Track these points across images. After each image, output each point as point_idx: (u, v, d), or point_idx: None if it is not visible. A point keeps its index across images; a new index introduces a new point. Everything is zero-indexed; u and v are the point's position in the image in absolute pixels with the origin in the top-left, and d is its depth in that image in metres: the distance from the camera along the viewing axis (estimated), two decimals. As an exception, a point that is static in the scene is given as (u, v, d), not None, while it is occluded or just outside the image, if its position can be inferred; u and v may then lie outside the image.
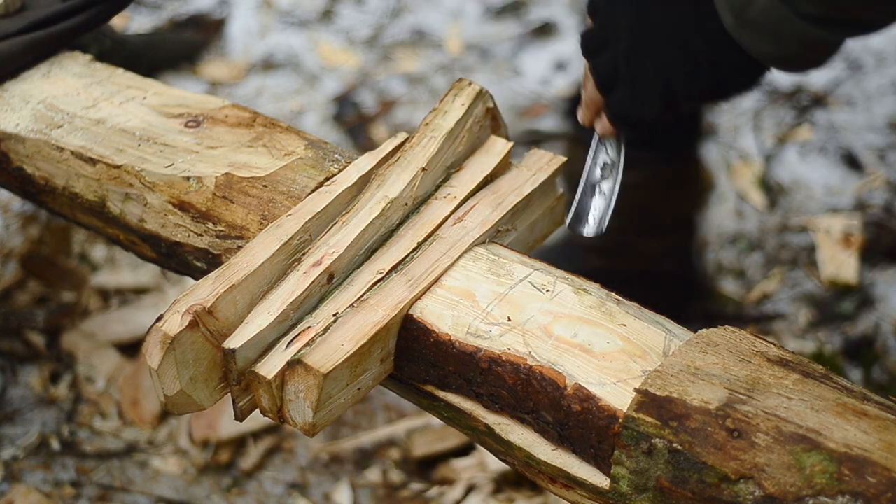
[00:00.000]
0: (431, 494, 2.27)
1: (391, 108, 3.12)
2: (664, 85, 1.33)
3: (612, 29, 1.34)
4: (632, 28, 1.32)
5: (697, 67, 1.31)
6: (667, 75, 1.32)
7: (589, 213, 1.36)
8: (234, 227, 1.56)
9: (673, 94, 1.34)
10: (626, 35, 1.33)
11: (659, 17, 1.31)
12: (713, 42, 1.30)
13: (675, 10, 1.30)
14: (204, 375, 1.41)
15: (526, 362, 1.36)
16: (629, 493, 1.27)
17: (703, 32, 1.30)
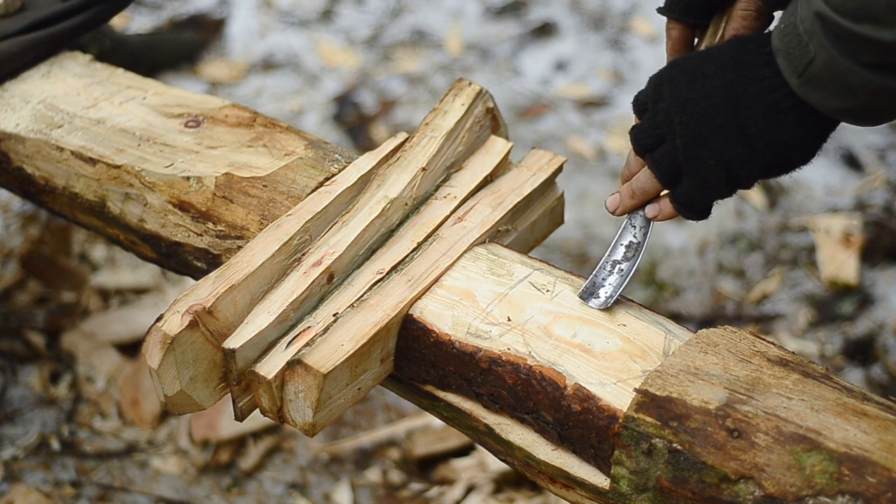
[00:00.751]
0: (431, 494, 2.27)
1: (391, 108, 3.12)
2: (726, 171, 1.35)
3: (666, 125, 1.37)
4: (684, 122, 1.35)
5: (754, 149, 1.33)
6: (727, 161, 1.35)
7: (601, 289, 1.42)
8: (234, 227, 1.56)
9: (736, 178, 1.37)
10: (681, 129, 1.36)
11: (709, 107, 1.33)
12: (766, 122, 1.31)
13: (722, 97, 1.32)
14: (204, 375, 1.41)
15: (526, 362, 1.36)
16: (629, 493, 1.27)
17: (754, 115, 1.31)
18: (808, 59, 1.26)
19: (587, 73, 3.20)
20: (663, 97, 1.36)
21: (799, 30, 1.26)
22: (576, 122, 3.08)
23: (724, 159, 1.35)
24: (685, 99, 1.34)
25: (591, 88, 3.16)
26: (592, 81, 3.18)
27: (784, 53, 1.29)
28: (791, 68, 1.28)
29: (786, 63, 1.29)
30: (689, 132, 1.35)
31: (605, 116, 3.08)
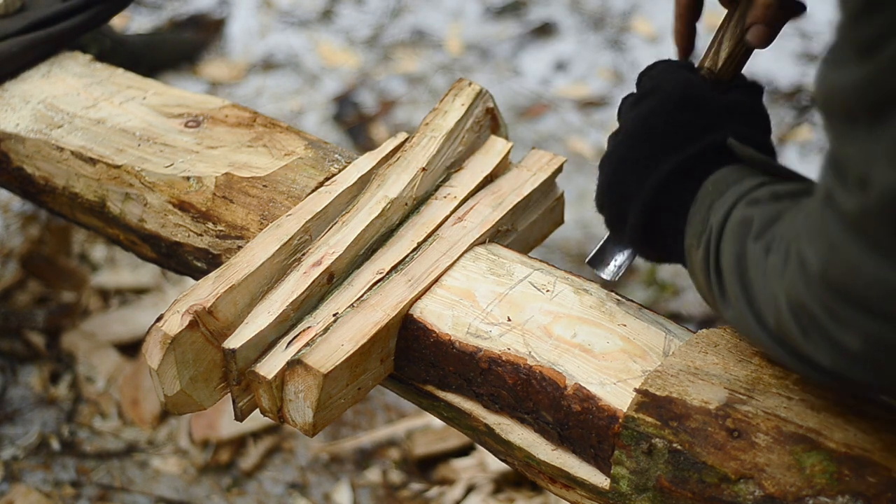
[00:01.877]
0: (431, 494, 2.27)
1: (391, 108, 3.12)
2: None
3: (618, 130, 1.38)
4: (625, 130, 1.35)
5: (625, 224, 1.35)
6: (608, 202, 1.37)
7: (612, 261, 1.41)
8: (234, 227, 1.56)
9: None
10: (619, 136, 1.36)
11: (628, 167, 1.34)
12: (649, 198, 1.32)
13: (641, 164, 1.33)
14: (204, 375, 1.41)
15: (526, 362, 1.36)
16: (629, 493, 1.27)
17: (651, 183, 1.32)
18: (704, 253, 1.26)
19: (587, 73, 3.20)
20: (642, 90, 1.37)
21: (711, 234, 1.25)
22: (576, 122, 3.08)
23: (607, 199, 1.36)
24: (643, 116, 1.34)
25: (591, 88, 3.16)
26: (592, 81, 3.18)
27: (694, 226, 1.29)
28: (693, 236, 1.29)
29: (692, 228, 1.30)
30: (613, 166, 1.35)
31: (605, 116, 3.08)
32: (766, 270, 1.13)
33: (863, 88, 0.97)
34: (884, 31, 0.93)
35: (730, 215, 1.23)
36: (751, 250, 1.16)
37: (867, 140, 0.98)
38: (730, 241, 1.20)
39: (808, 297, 1.05)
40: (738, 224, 1.20)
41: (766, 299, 1.14)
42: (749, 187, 1.24)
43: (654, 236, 1.34)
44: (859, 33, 0.96)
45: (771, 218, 1.17)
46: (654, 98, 1.34)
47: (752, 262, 1.16)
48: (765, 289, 1.14)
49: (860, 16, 0.95)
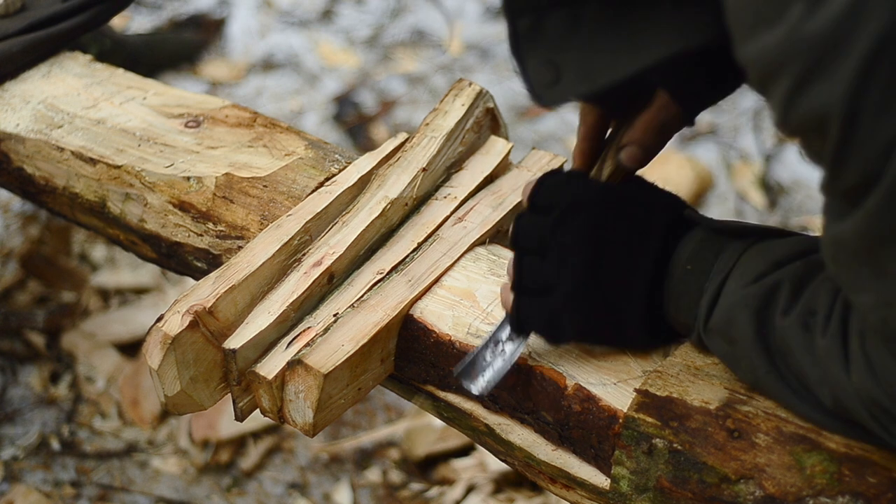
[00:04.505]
0: (431, 494, 2.27)
1: (391, 108, 3.12)
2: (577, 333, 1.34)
3: (556, 263, 1.31)
4: (574, 255, 1.29)
5: None
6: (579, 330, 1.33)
7: (481, 375, 1.33)
8: (234, 228, 1.56)
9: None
10: (569, 265, 1.29)
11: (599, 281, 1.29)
12: (645, 306, 1.30)
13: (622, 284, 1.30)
14: (204, 375, 1.41)
15: (526, 362, 1.36)
16: (629, 493, 1.27)
17: (640, 291, 1.29)
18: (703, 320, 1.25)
19: (587, 73, 3.20)
20: (567, 235, 1.30)
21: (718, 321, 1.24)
22: (576, 122, 3.07)
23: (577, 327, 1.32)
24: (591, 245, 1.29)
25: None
26: (592, 81, 3.17)
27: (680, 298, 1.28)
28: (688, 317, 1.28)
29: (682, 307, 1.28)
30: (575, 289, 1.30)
31: (605, 116, 3.08)
32: (814, 351, 1.14)
33: (859, 236, 0.98)
34: (862, 177, 0.95)
35: (721, 291, 1.23)
36: (781, 326, 1.17)
37: (878, 287, 1.00)
38: (745, 316, 1.20)
39: (890, 405, 1.08)
40: (753, 299, 1.19)
41: (819, 380, 1.15)
42: (735, 259, 1.24)
43: (658, 328, 1.32)
44: (842, 185, 0.97)
45: (793, 288, 1.18)
46: (579, 218, 1.29)
47: (787, 338, 1.17)
48: (817, 369, 1.14)
49: (837, 168, 0.96)
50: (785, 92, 0.95)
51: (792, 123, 0.97)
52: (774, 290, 1.18)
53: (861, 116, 0.91)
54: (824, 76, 0.92)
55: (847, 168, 0.95)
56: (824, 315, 1.13)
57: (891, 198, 0.94)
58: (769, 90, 0.97)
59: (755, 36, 0.95)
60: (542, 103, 1.19)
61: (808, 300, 1.15)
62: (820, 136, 0.95)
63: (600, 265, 1.29)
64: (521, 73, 1.18)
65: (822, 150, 0.96)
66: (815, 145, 0.97)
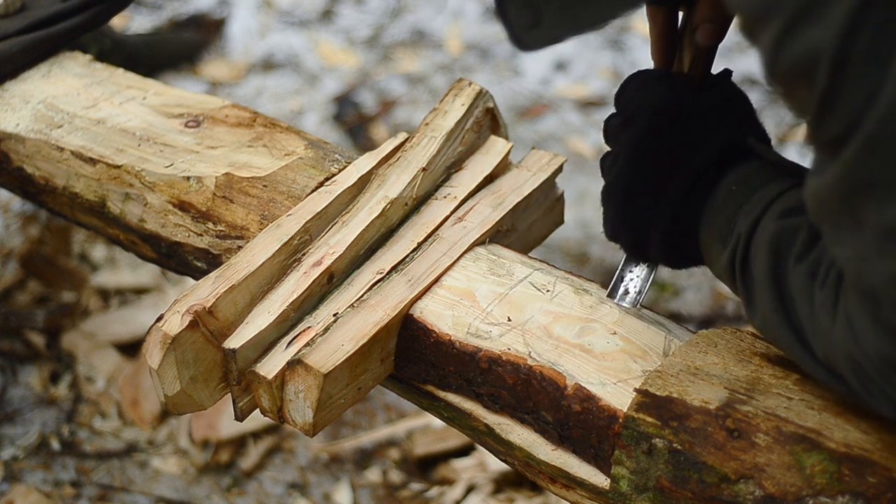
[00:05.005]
0: (431, 494, 2.27)
1: (391, 108, 3.12)
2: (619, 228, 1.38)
3: (614, 149, 1.38)
4: (624, 156, 1.35)
5: (647, 232, 1.36)
6: (623, 223, 1.37)
7: (632, 289, 1.41)
8: (234, 227, 1.56)
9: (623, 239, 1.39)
10: (618, 164, 1.36)
11: (648, 167, 1.33)
12: (669, 219, 1.33)
13: (662, 172, 1.33)
14: (204, 375, 1.41)
15: (526, 362, 1.36)
16: (629, 493, 1.27)
17: (667, 205, 1.32)
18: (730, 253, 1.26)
19: (587, 73, 3.20)
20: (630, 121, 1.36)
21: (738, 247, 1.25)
22: (576, 122, 3.08)
23: (621, 221, 1.36)
24: (637, 145, 1.34)
25: (591, 88, 3.16)
26: (592, 81, 3.18)
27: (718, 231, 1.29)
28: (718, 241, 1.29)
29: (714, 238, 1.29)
30: (618, 174, 1.35)
31: (605, 116, 3.08)
32: (814, 301, 1.14)
33: (836, 186, 0.98)
34: (844, 126, 0.94)
35: (759, 223, 1.23)
36: (793, 272, 1.17)
37: (854, 240, 1.00)
38: (764, 253, 1.20)
39: (864, 362, 1.07)
40: (773, 237, 1.20)
41: (814, 330, 1.15)
42: (777, 192, 1.24)
43: (680, 250, 1.34)
44: (824, 134, 0.97)
45: (811, 236, 1.17)
46: (642, 118, 1.34)
47: (795, 285, 1.16)
48: (813, 320, 1.14)
49: (821, 116, 0.95)
50: (774, 36, 0.94)
51: (780, 69, 0.96)
52: (794, 232, 1.18)
53: (849, 62, 0.91)
54: (815, 20, 0.91)
55: (831, 116, 0.94)
56: (826, 267, 1.13)
57: (867, 147, 0.93)
58: (758, 34, 0.96)
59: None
60: (522, 47, 1.21)
61: (820, 250, 1.15)
62: (807, 82, 0.94)
63: (642, 169, 1.33)
64: (502, 16, 1.19)
65: (807, 98, 0.95)
66: (801, 94, 0.96)
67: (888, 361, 1.03)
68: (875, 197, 0.95)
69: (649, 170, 1.33)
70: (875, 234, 0.97)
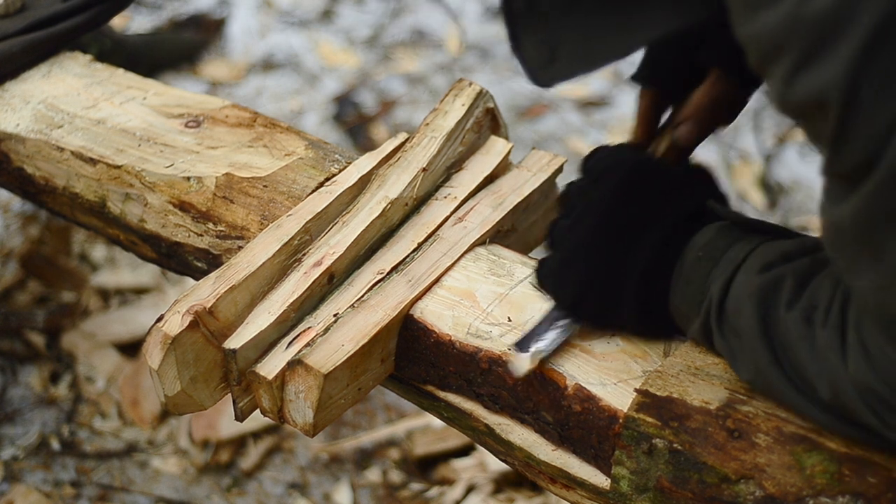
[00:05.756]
0: (431, 494, 2.27)
1: (391, 108, 3.12)
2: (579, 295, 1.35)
3: (578, 206, 1.33)
4: (595, 212, 1.31)
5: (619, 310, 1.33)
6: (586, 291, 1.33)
7: (536, 342, 1.35)
8: (234, 228, 1.56)
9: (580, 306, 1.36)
10: (585, 223, 1.32)
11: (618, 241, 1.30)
12: (642, 282, 1.30)
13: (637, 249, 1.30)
14: (204, 375, 1.41)
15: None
16: (629, 493, 1.27)
17: (639, 266, 1.29)
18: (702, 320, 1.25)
19: (587, 73, 3.20)
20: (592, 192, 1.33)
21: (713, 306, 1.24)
22: (576, 122, 3.08)
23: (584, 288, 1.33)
24: (601, 215, 1.31)
25: (591, 88, 3.16)
26: (592, 81, 3.18)
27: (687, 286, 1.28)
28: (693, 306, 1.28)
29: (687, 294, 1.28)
30: (578, 242, 1.32)
31: (605, 116, 3.08)
32: (815, 344, 1.13)
33: (856, 218, 0.98)
34: (861, 160, 0.94)
35: (731, 282, 1.22)
36: (785, 320, 1.16)
37: (874, 271, 0.99)
38: (750, 307, 1.19)
39: (885, 392, 1.07)
40: (757, 290, 1.19)
41: (819, 372, 1.14)
42: (746, 251, 1.24)
43: (652, 315, 1.32)
44: (841, 167, 0.96)
45: (797, 283, 1.17)
46: (610, 179, 1.31)
47: (790, 332, 1.16)
48: (817, 363, 1.14)
49: (836, 149, 0.95)
50: (785, 72, 0.94)
51: (791, 104, 0.96)
52: (780, 282, 1.18)
53: (861, 97, 0.91)
54: (825, 56, 0.91)
55: (846, 150, 0.94)
56: (825, 307, 1.12)
57: (889, 180, 0.93)
58: (769, 70, 0.96)
59: (755, 15, 0.94)
60: (538, 83, 1.20)
61: (812, 294, 1.15)
62: (820, 117, 0.94)
63: (609, 231, 1.30)
64: (517, 52, 1.18)
65: (821, 131, 0.95)
66: (814, 127, 0.96)
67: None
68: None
69: (622, 226, 1.30)
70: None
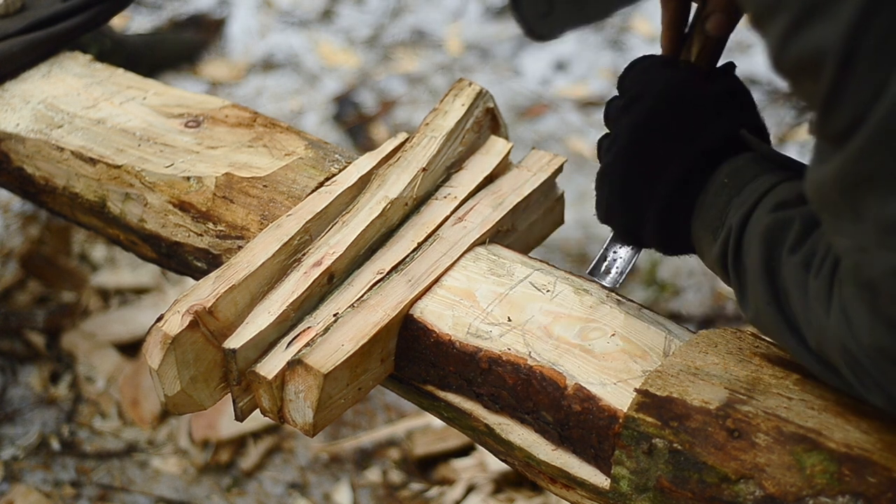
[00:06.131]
0: (431, 494, 2.27)
1: (391, 108, 3.12)
2: (613, 209, 1.38)
3: (613, 130, 1.37)
4: (623, 139, 1.35)
5: (643, 214, 1.36)
6: (618, 206, 1.37)
7: (613, 269, 1.42)
8: (234, 227, 1.56)
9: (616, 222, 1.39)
10: (616, 146, 1.35)
11: (647, 149, 1.33)
12: (665, 204, 1.33)
13: (660, 155, 1.33)
14: (204, 375, 1.41)
15: (526, 362, 1.36)
16: (629, 493, 1.27)
17: (663, 189, 1.32)
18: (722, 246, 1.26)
19: (587, 73, 3.20)
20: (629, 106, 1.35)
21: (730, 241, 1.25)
22: (576, 122, 3.08)
23: (617, 203, 1.36)
24: (636, 129, 1.34)
25: (591, 88, 3.16)
26: (592, 81, 3.18)
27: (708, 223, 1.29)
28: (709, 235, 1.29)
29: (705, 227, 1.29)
30: (614, 157, 1.35)
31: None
32: (808, 292, 1.14)
33: (839, 178, 0.98)
34: (850, 121, 0.94)
35: (751, 215, 1.23)
36: (787, 263, 1.17)
37: (853, 231, 1.00)
38: (756, 245, 1.20)
39: (859, 353, 1.07)
40: (766, 230, 1.20)
41: (808, 320, 1.15)
42: (769, 185, 1.24)
43: (673, 236, 1.34)
44: (830, 127, 0.97)
45: (804, 228, 1.17)
46: (644, 101, 1.34)
47: (789, 276, 1.16)
48: (807, 310, 1.14)
49: (827, 110, 0.95)
50: (782, 30, 0.94)
51: (787, 63, 0.96)
52: (788, 224, 1.18)
53: (857, 59, 0.91)
54: (823, 16, 0.91)
55: (837, 110, 0.94)
56: (821, 257, 1.13)
57: (872, 141, 0.93)
58: (766, 27, 0.96)
59: None
60: (535, 36, 1.21)
61: (814, 241, 1.15)
62: (813, 76, 0.94)
63: (640, 153, 1.33)
64: (514, 6, 1.19)
65: (814, 91, 0.95)
66: (807, 87, 0.96)
67: (884, 352, 1.03)
68: (877, 190, 0.95)
69: (647, 154, 1.33)
70: (876, 226, 0.97)
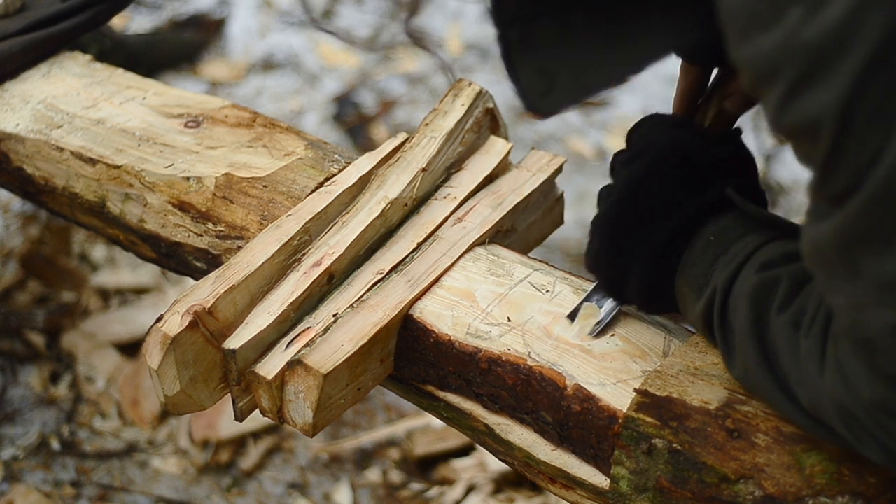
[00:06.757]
0: (431, 494, 2.27)
1: (391, 108, 3.12)
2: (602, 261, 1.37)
3: (607, 192, 1.37)
4: (620, 191, 1.34)
5: (629, 276, 1.35)
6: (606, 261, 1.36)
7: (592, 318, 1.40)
8: (234, 228, 1.56)
9: None
10: (612, 198, 1.35)
11: (638, 210, 1.32)
12: (651, 263, 1.32)
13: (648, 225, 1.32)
14: (204, 376, 1.41)
15: (526, 362, 1.36)
16: (629, 493, 1.27)
17: (651, 247, 1.32)
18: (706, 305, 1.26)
19: (587, 73, 3.20)
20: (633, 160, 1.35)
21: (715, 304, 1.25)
22: (576, 122, 3.08)
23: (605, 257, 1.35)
24: (627, 193, 1.33)
25: (591, 88, 3.15)
26: (592, 81, 3.17)
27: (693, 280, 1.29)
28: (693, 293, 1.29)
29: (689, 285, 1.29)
30: (607, 216, 1.34)
31: (605, 116, 3.08)
32: (799, 351, 1.14)
33: (837, 236, 0.98)
34: (848, 183, 0.95)
35: (737, 275, 1.23)
36: (775, 323, 1.17)
37: (850, 290, 1.00)
38: (744, 304, 1.20)
39: (856, 409, 1.07)
40: (753, 290, 1.19)
41: (799, 379, 1.14)
42: (755, 245, 1.24)
43: (656, 295, 1.34)
44: (828, 189, 0.97)
45: (792, 287, 1.17)
46: (645, 158, 1.33)
47: (778, 335, 1.16)
48: (799, 369, 1.14)
49: (825, 172, 0.96)
50: (779, 95, 0.95)
51: (784, 127, 0.97)
52: (776, 283, 1.18)
53: (854, 124, 0.92)
54: (820, 82, 0.92)
55: (836, 174, 0.95)
56: (811, 315, 1.13)
57: (870, 202, 0.94)
58: (763, 92, 0.97)
59: (750, 38, 0.95)
60: (536, 112, 1.20)
61: (803, 300, 1.15)
62: (811, 141, 0.95)
63: (634, 207, 1.32)
64: (514, 82, 1.19)
65: (812, 154, 0.96)
66: (805, 149, 0.97)
67: (883, 408, 1.04)
68: (875, 249, 0.96)
69: (640, 210, 1.32)
70: (874, 284, 0.98)
